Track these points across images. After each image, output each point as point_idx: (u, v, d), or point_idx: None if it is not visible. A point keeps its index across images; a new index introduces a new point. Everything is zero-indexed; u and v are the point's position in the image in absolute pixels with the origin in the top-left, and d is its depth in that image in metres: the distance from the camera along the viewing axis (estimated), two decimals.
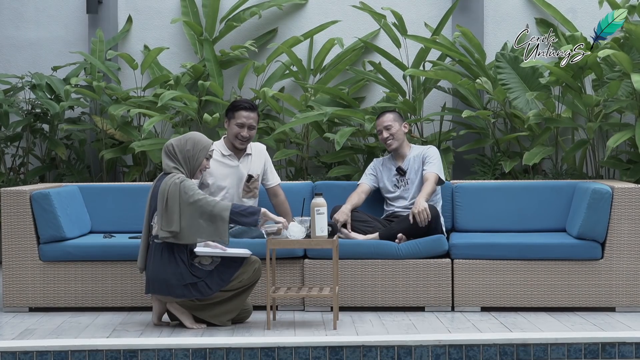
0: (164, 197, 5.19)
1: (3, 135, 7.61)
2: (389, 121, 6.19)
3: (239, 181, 6.02)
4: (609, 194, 5.68)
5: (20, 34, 7.99)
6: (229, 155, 6.03)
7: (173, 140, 5.40)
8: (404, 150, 6.22)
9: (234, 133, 5.97)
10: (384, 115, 6.25)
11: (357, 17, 7.69)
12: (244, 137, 5.97)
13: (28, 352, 4.76)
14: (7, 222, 5.86)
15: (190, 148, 5.36)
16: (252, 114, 5.98)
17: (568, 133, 7.33)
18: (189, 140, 5.39)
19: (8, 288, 5.88)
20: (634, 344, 4.83)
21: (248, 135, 5.98)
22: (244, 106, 5.98)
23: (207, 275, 5.28)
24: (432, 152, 6.16)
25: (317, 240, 5.27)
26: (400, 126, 6.20)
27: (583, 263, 5.71)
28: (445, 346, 4.80)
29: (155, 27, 7.88)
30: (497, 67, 7.00)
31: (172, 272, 5.21)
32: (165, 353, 4.77)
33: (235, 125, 5.96)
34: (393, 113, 6.29)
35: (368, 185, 6.23)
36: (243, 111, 5.96)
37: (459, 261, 5.77)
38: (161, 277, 5.23)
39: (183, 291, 5.24)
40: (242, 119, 5.95)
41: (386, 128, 6.17)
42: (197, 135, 5.44)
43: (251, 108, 5.99)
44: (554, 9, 7.47)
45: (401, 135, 6.20)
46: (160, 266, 5.23)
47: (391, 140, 6.17)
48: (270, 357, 4.78)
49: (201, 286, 5.26)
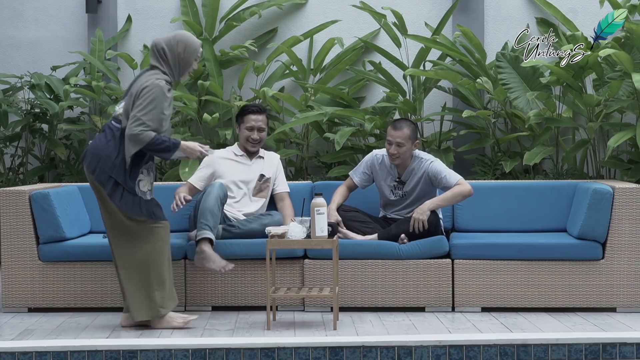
0: (145, 95, 5.11)
1: (2, 135, 7.60)
2: (402, 139, 5.83)
3: (252, 178, 6.08)
4: (610, 194, 5.67)
5: (20, 34, 7.98)
6: (241, 156, 6.14)
7: (163, 42, 5.26)
8: (405, 162, 5.96)
9: (245, 136, 6.10)
10: (401, 129, 5.86)
11: (357, 17, 7.68)
12: (255, 140, 6.09)
13: (27, 352, 4.75)
14: (7, 222, 5.85)
15: (182, 51, 5.26)
16: (261, 117, 6.11)
17: (569, 133, 7.33)
18: (179, 42, 5.27)
19: (7, 288, 5.87)
20: (635, 345, 4.82)
21: (258, 137, 6.10)
22: (252, 109, 6.12)
23: (132, 189, 5.19)
24: (437, 168, 5.87)
25: (317, 240, 5.27)
26: (411, 145, 5.88)
27: (584, 263, 5.70)
28: (445, 346, 4.80)
29: (154, 26, 7.87)
30: (497, 66, 6.99)
31: (111, 158, 5.14)
32: (165, 353, 4.76)
33: (245, 129, 6.10)
34: (410, 128, 5.88)
35: (356, 183, 6.08)
36: (251, 114, 6.09)
37: (460, 261, 5.76)
38: (99, 150, 5.16)
39: (104, 179, 5.15)
40: (251, 122, 6.08)
41: (398, 144, 5.86)
42: (187, 37, 5.31)
43: (259, 111, 6.13)
44: (554, 8, 7.47)
45: (409, 154, 5.91)
46: (104, 142, 5.17)
47: (396, 158, 5.89)
48: (270, 357, 4.77)
49: (121, 192, 5.16)
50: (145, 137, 5.09)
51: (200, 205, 5.68)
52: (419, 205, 5.86)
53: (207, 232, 5.59)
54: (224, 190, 5.77)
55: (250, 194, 6.06)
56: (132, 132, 5.10)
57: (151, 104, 5.11)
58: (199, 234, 5.60)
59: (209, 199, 5.66)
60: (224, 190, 5.79)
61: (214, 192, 5.70)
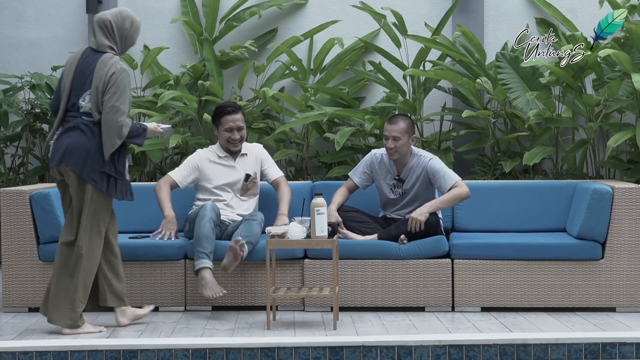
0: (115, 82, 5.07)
1: (2, 135, 7.60)
2: (398, 132, 5.86)
3: (238, 179, 6.04)
4: (610, 194, 5.68)
5: (20, 34, 7.98)
6: (224, 157, 6.08)
7: (109, 16, 5.24)
8: (404, 158, 6.00)
9: (225, 138, 6.03)
10: (396, 123, 5.89)
11: (357, 17, 7.68)
12: (236, 139, 6.02)
13: (28, 352, 4.75)
14: (7, 222, 5.86)
15: (129, 27, 5.25)
16: (237, 116, 6.02)
17: (568, 133, 7.33)
18: (126, 18, 5.25)
19: (8, 288, 5.87)
20: (635, 344, 4.82)
21: (239, 136, 6.03)
22: (227, 110, 6.02)
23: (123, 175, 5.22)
24: (436, 166, 5.90)
25: (317, 240, 5.27)
26: (408, 139, 5.90)
27: (583, 263, 5.71)
28: (445, 346, 4.80)
29: (155, 27, 7.87)
30: (497, 67, 7.00)
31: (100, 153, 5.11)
32: (165, 353, 4.76)
33: (224, 130, 6.02)
34: (406, 122, 5.92)
35: (357, 183, 6.09)
36: (227, 115, 6.00)
37: (459, 261, 5.76)
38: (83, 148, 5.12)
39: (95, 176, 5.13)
40: (228, 123, 6.01)
41: (394, 138, 5.88)
42: (132, 14, 5.30)
43: (234, 110, 6.02)
44: (554, 8, 7.47)
45: (406, 148, 5.93)
46: (85, 140, 5.12)
47: (394, 152, 5.92)
48: (270, 357, 4.77)
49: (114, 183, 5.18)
50: (126, 126, 5.10)
51: (195, 231, 5.65)
52: (418, 205, 5.87)
53: (205, 262, 5.58)
54: (216, 211, 5.75)
55: (240, 195, 6.06)
56: (115, 123, 5.05)
57: (124, 90, 5.09)
58: (197, 263, 5.59)
59: (202, 224, 5.62)
60: (217, 211, 5.76)
61: (206, 215, 5.66)
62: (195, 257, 5.62)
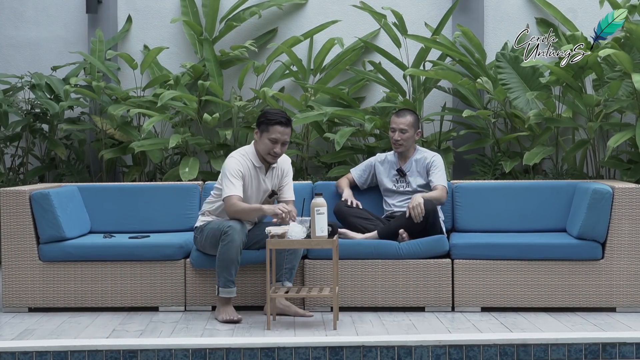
0: None
1: (2, 135, 7.60)
2: (405, 125, 6.12)
3: (262, 194, 5.74)
4: (610, 194, 5.67)
5: (20, 34, 7.98)
6: (259, 168, 5.66)
7: None
8: (408, 152, 6.21)
9: (267, 149, 5.58)
10: (404, 116, 6.16)
11: (357, 17, 7.68)
12: (277, 154, 5.60)
13: (27, 352, 4.75)
14: (7, 222, 5.86)
15: None
16: (288, 129, 5.58)
17: (568, 133, 7.33)
18: None
19: (7, 288, 5.87)
20: (635, 345, 4.82)
21: (281, 152, 5.61)
22: (280, 121, 5.55)
23: None
24: (438, 162, 6.13)
25: (317, 240, 5.27)
26: (414, 133, 6.15)
27: (583, 263, 5.71)
28: (445, 346, 4.80)
29: (155, 27, 7.87)
30: (497, 66, 7.00)
31: None
32: (165, 353, 4.76)
33: (268, 140, 5.56)
34: (413, 116, 6.18)
35: (354, 177, 6.31)
36: (279, 126, 5.54)
37: (459, 261, 5.76)
38: None
39: None
40: (276, 134, 5.55)
41: (401, 130, 6.12)
42: None
43: (287, 123, 5.57)
44: (554, 8, 7.47)
45: (411, 142, 6.17)
46: None
47: (400, 145, 6.14)
48: (270, 357, 4.77)
49: None
50: None
51: (223, 254, 5.45)
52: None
53: (233, 291, 5.51)
54: (245, 234, 5.53)
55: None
56: None
57: None
58: (225, 291, 5.49)
59: (231, 248, 5.43)
60: (245, 233, 5.53)
61: (236, 240, 5.43)
62: (221, 282, 5.48)
